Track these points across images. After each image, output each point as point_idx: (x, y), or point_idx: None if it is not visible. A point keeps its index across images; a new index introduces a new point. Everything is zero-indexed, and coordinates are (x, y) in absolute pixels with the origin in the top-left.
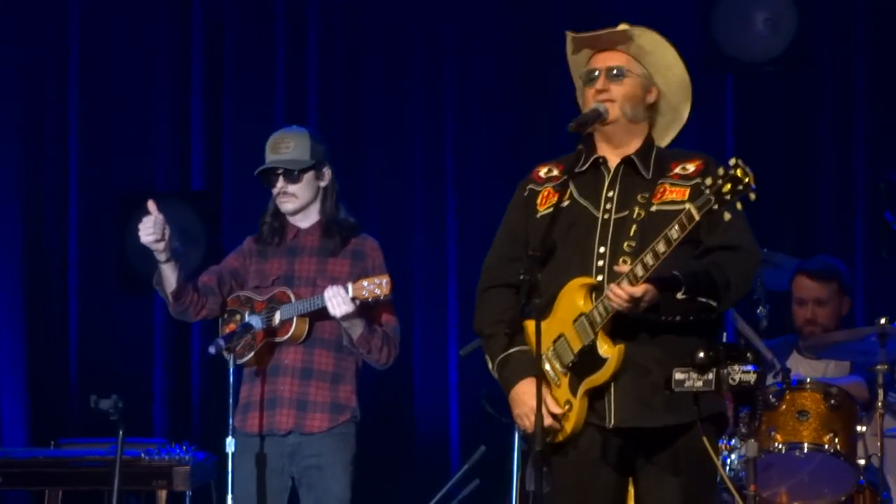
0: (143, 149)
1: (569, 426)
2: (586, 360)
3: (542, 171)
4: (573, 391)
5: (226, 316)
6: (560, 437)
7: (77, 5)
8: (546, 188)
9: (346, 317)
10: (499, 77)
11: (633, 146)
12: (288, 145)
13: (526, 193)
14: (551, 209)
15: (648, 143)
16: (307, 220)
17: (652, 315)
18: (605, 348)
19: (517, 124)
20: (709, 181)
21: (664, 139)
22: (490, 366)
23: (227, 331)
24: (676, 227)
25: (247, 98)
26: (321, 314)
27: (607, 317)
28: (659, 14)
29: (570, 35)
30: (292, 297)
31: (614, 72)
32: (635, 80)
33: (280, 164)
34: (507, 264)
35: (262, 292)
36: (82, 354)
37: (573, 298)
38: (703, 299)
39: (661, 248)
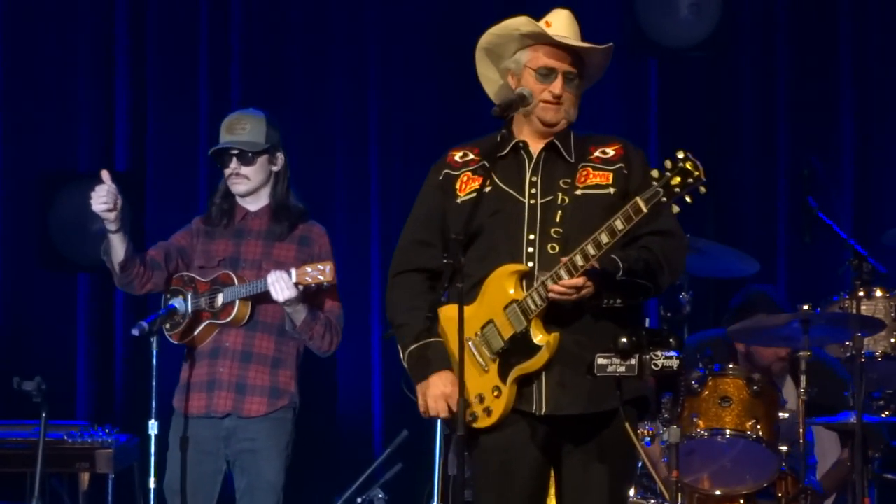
0: (67, 129)
1: (497, 412)
2: (517, 348)
3: (458, 156)
4: (503, 378)
5: (168, 295)
6: (488, 423)
7: None
8: (464, 172)
9: (289, 302)
10: (422, 55)
11: (554, 131)
12: (244, 127)
13: (441, 177)
14: (474, 194)
15: (568, 128)
16: (257, 203)
17: (593, 301)
18: (540, 337)
19: (440, 107)
20: (655, 173)
21: None
22: (401, 354)
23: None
24: (621, 218)
25: (170, 79)
26: (264, 298)
27: (543, 305)
28: None
29: (542, 31)
30: (235, 279)
31: (570, 77)
32: (581, 84)
33: (235, 145)
34: (419, 248)
35: (207, 273)
36: (5, 335)
37: (503, 285)
38: (641, 281)
39: (604, 238)
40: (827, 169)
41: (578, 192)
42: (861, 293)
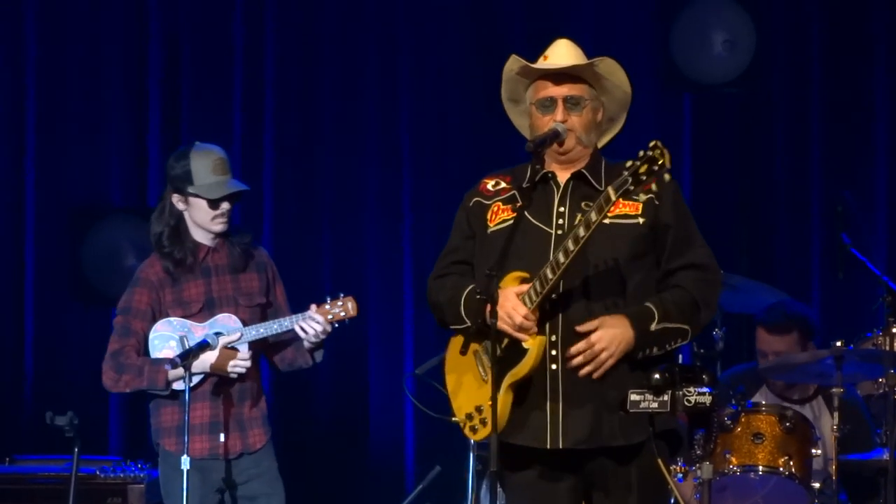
0: (99, 163)
1: (491, 421)
2: (511, 354)
3: (490, 184)
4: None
5: (156, 342)
6: (486, 433)
7: (32, 18)
8: (495, 203)
9: (319, 344)
10: (454, 80)
11: (581, 162)
12: (228, 167)
13: (472, 204)
14: (503, 225)
15: (597, 156)
16: (213, 238)
17: (631, 354)
18: (528, 340)
19: (472, 132)
20: (629, 163)
21: (600, 143)
22: (452, 313)
23: (161, 356)
24: (594, 210)
25: (204, 114)
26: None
27: (537, 300)
28: (618, 33)
29: (525, 63)
30: (237, 321)
31: (573, 101)
32: (592, 107)
33: (240, 186)
34: (455, 266)
35: (194, 319)
36: (38, 370)
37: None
38: (676, 325)
39: (581, 232)
40: (861, 205)
41: (607, 220)
42: (894, 330)
